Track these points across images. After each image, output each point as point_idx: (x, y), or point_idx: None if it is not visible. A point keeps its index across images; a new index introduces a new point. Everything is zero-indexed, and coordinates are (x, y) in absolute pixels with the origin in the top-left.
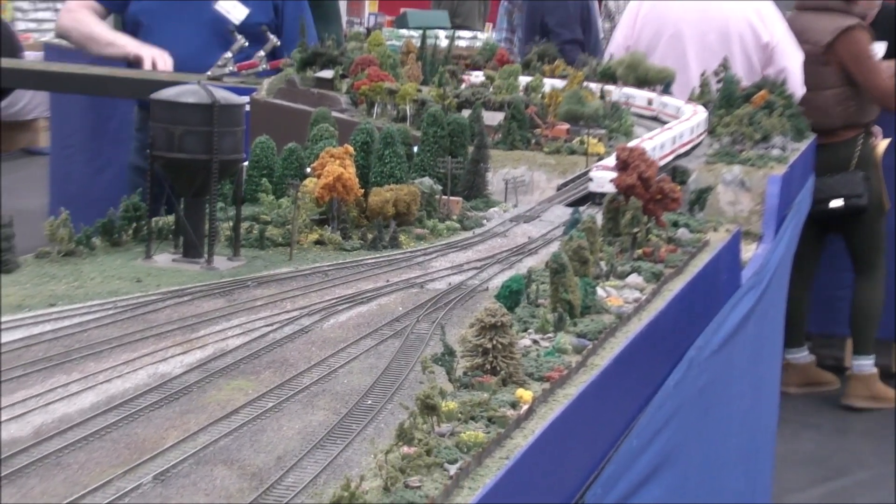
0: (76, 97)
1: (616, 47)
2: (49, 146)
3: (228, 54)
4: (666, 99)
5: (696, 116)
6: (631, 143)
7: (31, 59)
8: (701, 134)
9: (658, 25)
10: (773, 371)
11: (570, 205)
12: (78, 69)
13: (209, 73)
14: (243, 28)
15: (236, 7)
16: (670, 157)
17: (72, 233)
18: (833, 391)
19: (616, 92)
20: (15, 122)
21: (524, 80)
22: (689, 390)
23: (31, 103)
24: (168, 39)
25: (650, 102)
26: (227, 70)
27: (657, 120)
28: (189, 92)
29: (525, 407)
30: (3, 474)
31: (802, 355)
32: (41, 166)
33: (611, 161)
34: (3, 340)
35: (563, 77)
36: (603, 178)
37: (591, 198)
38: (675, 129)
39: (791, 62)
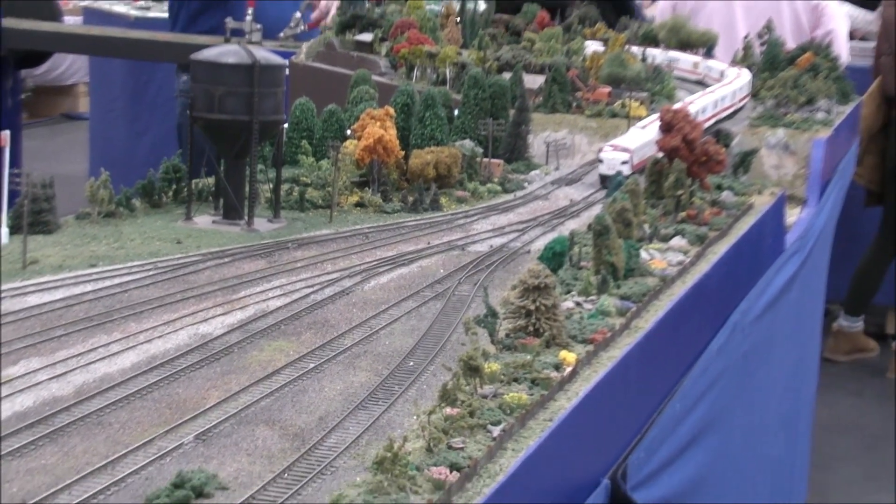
0: (116, 62)
1: (663, 6)
2: (89, 111)
3: (298, 14)
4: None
5: (739, 79)
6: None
7: (71, 23)
8: (744, 97)
9: None
10: (814, 337)
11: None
12: (118, 33)
13: (282, 34)
14: None
15: None
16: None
17: (112, 194)
18: (874, 358)
19: (702, 64)
20: (55, 87)
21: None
22: (733, 355)
23: (70, 68)
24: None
25: (722, 74)
26: (298, 30)
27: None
28: (229, 52)
29: (569, 369)
30: (44, 432)
31: (857, 324)
32: (81, 131)
33: (623, 140)
34: (45, 300)
35: (604, 40)
36: (614, 160)
37: (602, 182)
38: (716, 92)
39: (839, 25)
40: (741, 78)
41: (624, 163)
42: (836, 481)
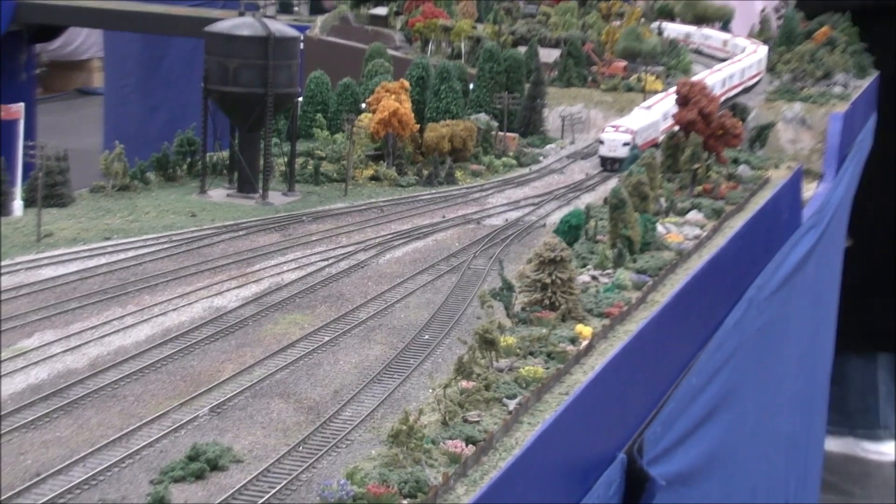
0: (130, 36)
1: None
2: (103, 86)
3: None
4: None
5: (748, 57)
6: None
7: None
8: (753, 76)
9: None
10: (831, 312)
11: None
12: (132, 7)
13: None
14: None
15: None
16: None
17: (126, 167)
18: None
19: (730, 41)
20: (69, 62)
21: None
22: (749, 330)
23: (85, 43)
24: None
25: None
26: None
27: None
28: (244, 24)
29: (584, 343)
30: (59, 405)
31: None
32: (96, 106)
33: (626, 120)
34: (60, 273)
35: (620, 15)
36: (615, 141)
37: (603, 164)
38: (726, 69)
39: None
40: (749, 56)
41: (626, 144)
42: None
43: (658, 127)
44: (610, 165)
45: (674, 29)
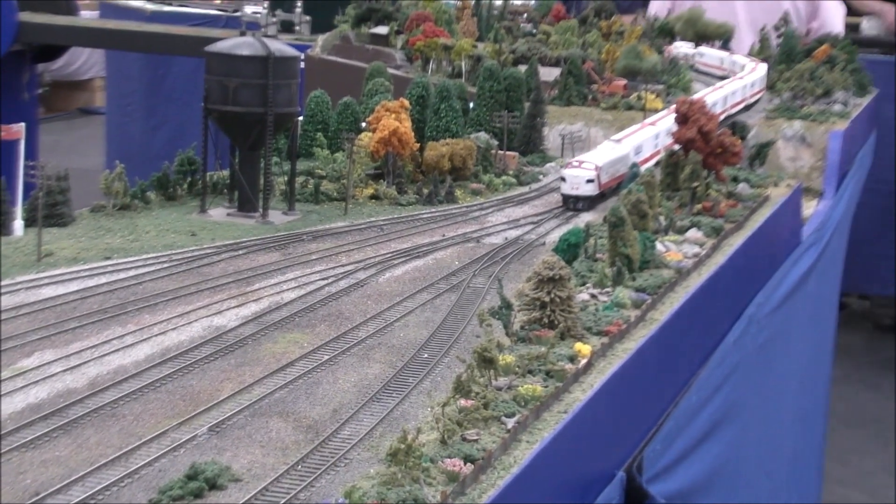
0: (132, 56)
1: (659, 6)
2: (105, 105)
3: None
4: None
5: (755, 72)
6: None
7: (87, 17)
8: (736, 103)
9: None
10: (831, 329)
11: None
12: (134, 27)
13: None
14: None
15: None
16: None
17: (127, 186)
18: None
19: (747, 65)
20: (71, 82)
21: None
22: (749, 347)
23: (87, 63)
24: None
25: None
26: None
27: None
28: (244, 44)
29: (583, 361)
30: (58, 424)
31: None
32: (98, 125)
33: (591, 155)
34: (60, 292)
35: (619, 33)
36: (578, 178)
37: (565, 202)
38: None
39: (835, 17)
40: (730, 84)
41: (589, 181)
42: (853, 474)
43: (628, 162)
44: (573, 204)
45: (709, 55)
